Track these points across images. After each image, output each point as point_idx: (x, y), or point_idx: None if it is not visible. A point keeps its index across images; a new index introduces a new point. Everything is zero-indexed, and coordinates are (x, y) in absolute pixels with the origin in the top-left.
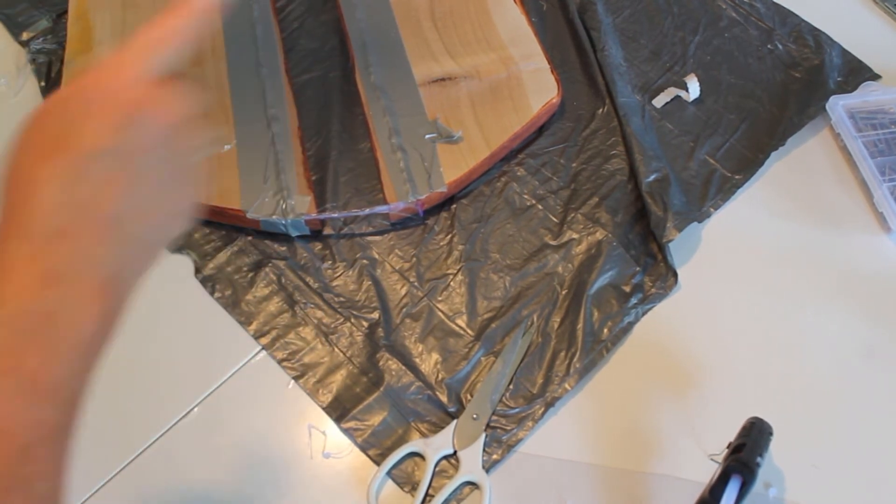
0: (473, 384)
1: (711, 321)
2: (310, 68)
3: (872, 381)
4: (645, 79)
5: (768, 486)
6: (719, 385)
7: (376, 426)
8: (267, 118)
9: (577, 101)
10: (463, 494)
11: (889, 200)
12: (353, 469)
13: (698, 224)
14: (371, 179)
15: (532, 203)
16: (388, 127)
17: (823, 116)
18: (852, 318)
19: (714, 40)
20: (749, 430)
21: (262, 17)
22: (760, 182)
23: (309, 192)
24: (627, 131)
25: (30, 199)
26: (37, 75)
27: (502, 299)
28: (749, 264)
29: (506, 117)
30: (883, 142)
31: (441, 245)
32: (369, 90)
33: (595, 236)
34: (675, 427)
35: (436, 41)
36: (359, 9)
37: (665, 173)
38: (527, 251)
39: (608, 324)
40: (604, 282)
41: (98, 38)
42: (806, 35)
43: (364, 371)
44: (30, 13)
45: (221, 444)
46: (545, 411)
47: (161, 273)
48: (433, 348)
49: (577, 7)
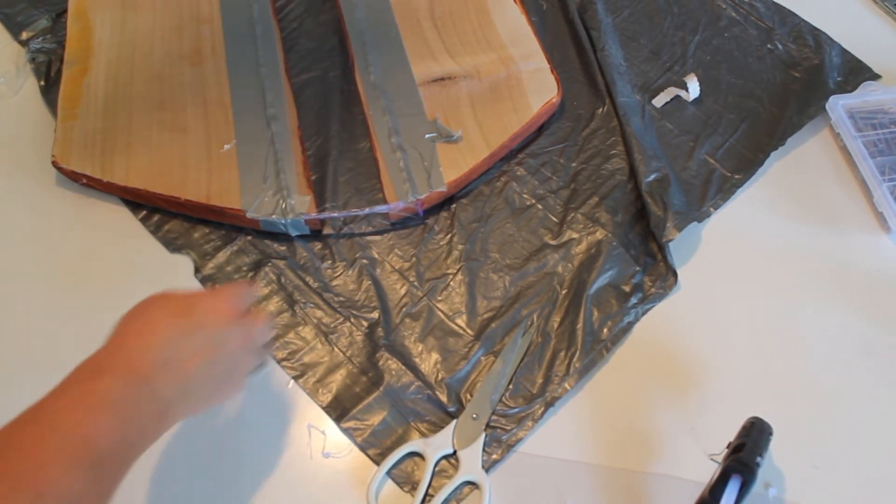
0: (473, 384)
1: (711, 321)
2: (309, 68)
3: (872, 381)
4: (645, 78)
5: (768, 486)
6: (719, 385)
7: (376, 426)
8: (266, 118)
9: (577, 101)
10: (463, 494)
11: (889, 200)
12: (353, 469)
13: (698, 224)
14: (371, 179)
15: (532, 203)
16: (388, 126)
17: (823, 116)
18: (852, 318)
19: (714, 40)
20: (749, 429)
21: (262, 17)
22: (760, 182)
23: (308, 192)
24: (627, 131)
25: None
26: (36, 74)
27: (502, 299)
28: (749, 264)
29: (505, 117)
30: (883, 141)
31: (441, 245)
32: (369, 90)
33: (595, 236)
34: (674, 427)
35: (435, 41)
36: (358, 8)
37: (665, 173)
38: (527, 251)
39: (608, 323)
40: (604, 281)
41: (97, 38)
42: (806, 35)
43: (364, 371)
44: (29, 12)
45: (221, 444)
46: (545, 411)
47: (161, 273)
48: (433, 348)
49: (576, 7)
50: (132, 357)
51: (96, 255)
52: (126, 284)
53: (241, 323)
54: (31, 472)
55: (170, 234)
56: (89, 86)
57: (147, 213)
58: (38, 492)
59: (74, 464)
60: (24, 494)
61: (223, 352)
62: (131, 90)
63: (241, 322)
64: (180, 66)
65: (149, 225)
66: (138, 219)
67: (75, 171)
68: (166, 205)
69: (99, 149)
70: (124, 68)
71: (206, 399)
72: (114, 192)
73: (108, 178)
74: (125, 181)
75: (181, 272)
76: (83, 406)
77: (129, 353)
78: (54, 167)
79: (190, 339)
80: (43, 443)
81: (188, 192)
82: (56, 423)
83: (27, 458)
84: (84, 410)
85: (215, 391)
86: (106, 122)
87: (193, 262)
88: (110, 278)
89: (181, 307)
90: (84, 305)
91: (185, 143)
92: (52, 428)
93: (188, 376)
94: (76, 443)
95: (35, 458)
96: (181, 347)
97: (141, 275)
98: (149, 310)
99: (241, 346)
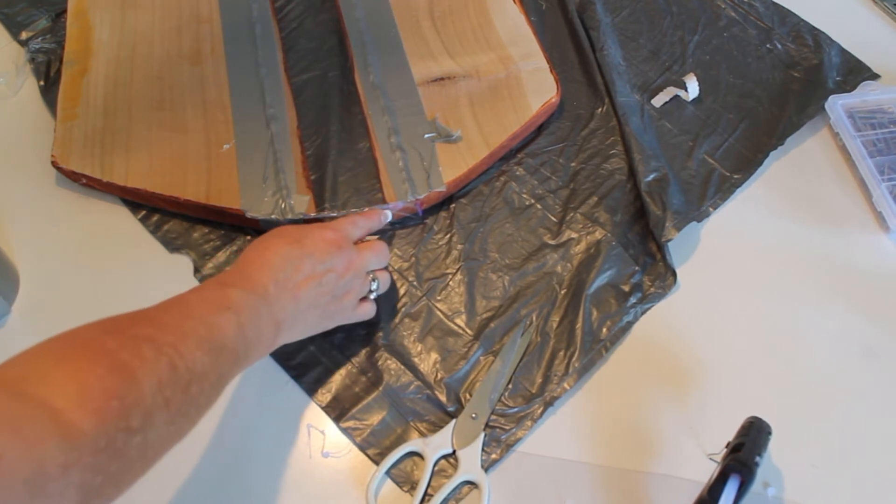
0: (472, 383)
1: (710, 320)
2: (309, 68)
3: (871, 380)
4: (644, 78)
5: (767, 486)
6: (718, 384)
7: (375, 426)
8: (266, 118)
9: (576, 101)
10: (462, 494)
11: (888, 200)
12: (352, 468)
13: (697, 223)
14: (370, 179)
15: (531, 202)
16: (387, 126)
17: (822, 116)
18: (851, 318)
19: (713, 40)
20: (748, 429)
21: (261, 17)
22: (759, 181)
23: (308, 192)
24: (626, 131)
25: (265, 259)
26: (35, 74)
27: (501, 299)
28: (748, 263)
29: (505, 117)
30: (882, 141)
31: (440, 244)
32: (368, 90)
33: (594, 236)
34: (674, 426)
35: (435, 41)
36: (358, 8)
37: (664, 173)
38: (526, 250)
39: (607, 323)
40: (603, 281)
41: (97, 38)
42: (805, 34)
43: (363, 370)
44: (29, 12)
45: (220, 444)
46: (544, 411)
47: (161, 273)
48: (432, 348)
49: (576, 6)
50: (252, 274)
51: (96, 255)
52: (126, 284)
53: (348, 250)
54: (169, 343)
55: (169, 233)
56: (89, 86)
57: (147, 213)
58: (173, 359)
59: (202, 345)
60: (163, 358)
61: (330, 277)
62: (131, 90)
63: (347, 249)
64: (180, 66)
65: (148, 225)
66: (138, 219)
67: (75, 171)
68: (166, 205)
69: (98, 149)
70: (124, 68)
71: (315, 323)
72: (113, 192)
73: (108, 178)
74: (125, 181)
75: (181, 272)
76: (212, 303)
77: (250, 271)
78: (54, 167)
79: (300, 263)
80: (180, 323)
81: (188, 192)
82: (190, 312)
83: (166, 331)
84: (212, 306)
85: (323, 315)
86: (105, 122)
87: (193, 261)
88: (110, 278)
89: (295, 236)
90: (83, 305)
91: (185, 143)
92: (187, 315)
93: (298, 297)
94: (205, 328)
95: (173, 333)
96: (293, 271)
97: (140, 275)
98: (269, 238)
99: (346, 271)
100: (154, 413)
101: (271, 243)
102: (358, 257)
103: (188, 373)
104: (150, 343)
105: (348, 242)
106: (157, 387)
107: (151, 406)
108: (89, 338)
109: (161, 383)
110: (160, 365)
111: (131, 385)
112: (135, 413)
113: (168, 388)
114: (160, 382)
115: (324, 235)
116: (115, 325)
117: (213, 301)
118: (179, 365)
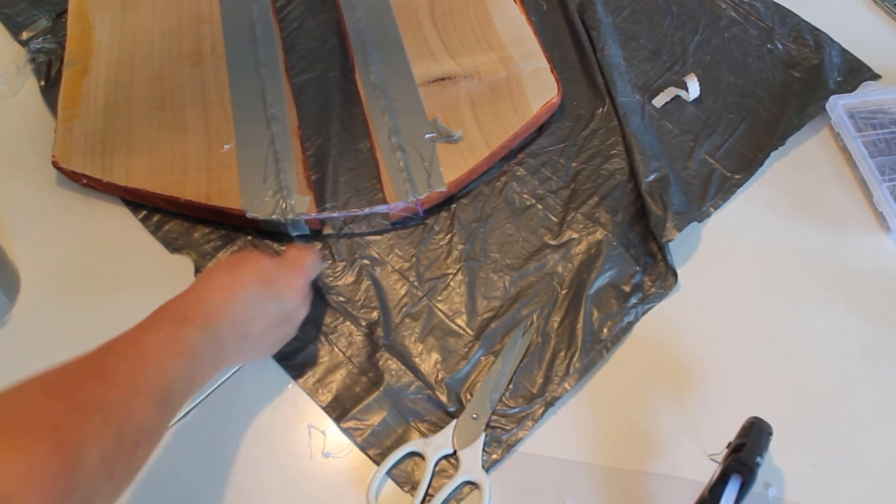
0: (473, 384)
1: (711, 321)
2: (309, 68)
3: (872, 381)
4: (645, 78)
5: (768, 486)
6: (719, 385)
7: (376, 426)
8: (266, 118)
9: (577, 101)
10: (462, 494)
11: (889, 200)
12: (353, 469)
13: (698, 224)
14: (371, 179)
15: (532, 203)
16: (388, 126)
17: (823, 116)
18: (852, 318)
19: (714, 40)
20: (749, 429)
21: (262, 17)
22: (760, 182)
23: (308, 192)
24: (627, 131)
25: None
26: (36, 75)
27: (502, 299)
28: (749, 264)
29: (505, 117)
30: (882, 141)
31: (441, 245)
32: (369, 90)
33: (595, 236)
34: (674, 427)
35: (435, 41)
36: (358, 8)
37: (665, 173)
38: (526, 251)
39: (608, 323)
40: (603, 281)
41: (97, 38)
42: (805, 34)
43: (364, 371)
44: (29, 12)
45: (220, 444)
46: (545, 411)
47: (161, 273)
48: (433, 348)
49: (576, 7)
50: (211, 308)
51: (96, 256)
52: (126, 284)
53: (307, 296)
54: (119, 405)
55: (170, 234)
56: (89, 86)
57: (147, 213)
58: (121, 424)
59: (153, 401)
60: (111, 426)
61: (285, 321)
62: (131, 90)
63: (307, 296)
64: (180, 66)
65: (149, 225)
66: (138, 219)
67: (75, 172)
68: (166, 205)
69: (99, 149)
70: (124, 68)
71: (258, 354)
72: (114, 192)
73: (109, 179)
74: (125, 181)
75: (181, 272)
76: (168, 347)
77: (211, 303)
78: (54, 167)
79: (264, 305)
80: (132, 377)
81: (188, 192)
82: (144, 360)
83: (117, 390)
84: (168, 351)
85: (269, 350)
86: (106, 123)
87: (193, 262)
88: (110, 278)
89: (269, 275)
90: (84, 305)
91: (185, 144)
92: (141, 364)
93: (250, 336)
94: (158, 378)
95: (124, 392)
96: (252, 317)
97: (141, 275)
98: (238, 268)
99: (298, 312)
100: (99, 485)
101: (241, 278)
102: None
103: (136, 433)
104: (97, 410)
105: (308, 288)
106: (102, 459)
107: (96, 478)
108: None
109: (106, 455)
110: (107, 436)
111: (76, 464)
112: (79, 490)
113: (114, 458)
114: (105, 454)
115: (295, 283)
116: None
117: (169, 344)
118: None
